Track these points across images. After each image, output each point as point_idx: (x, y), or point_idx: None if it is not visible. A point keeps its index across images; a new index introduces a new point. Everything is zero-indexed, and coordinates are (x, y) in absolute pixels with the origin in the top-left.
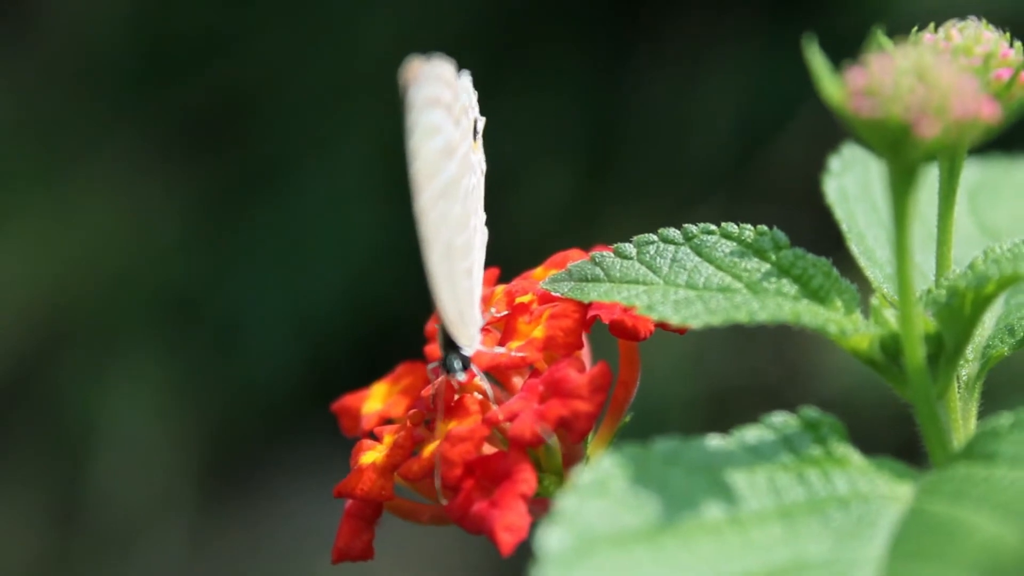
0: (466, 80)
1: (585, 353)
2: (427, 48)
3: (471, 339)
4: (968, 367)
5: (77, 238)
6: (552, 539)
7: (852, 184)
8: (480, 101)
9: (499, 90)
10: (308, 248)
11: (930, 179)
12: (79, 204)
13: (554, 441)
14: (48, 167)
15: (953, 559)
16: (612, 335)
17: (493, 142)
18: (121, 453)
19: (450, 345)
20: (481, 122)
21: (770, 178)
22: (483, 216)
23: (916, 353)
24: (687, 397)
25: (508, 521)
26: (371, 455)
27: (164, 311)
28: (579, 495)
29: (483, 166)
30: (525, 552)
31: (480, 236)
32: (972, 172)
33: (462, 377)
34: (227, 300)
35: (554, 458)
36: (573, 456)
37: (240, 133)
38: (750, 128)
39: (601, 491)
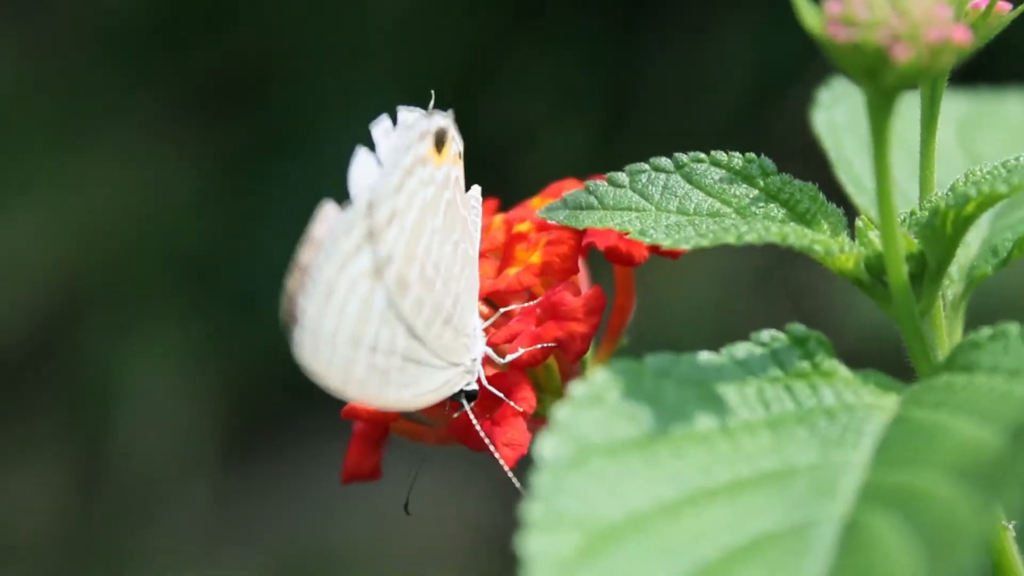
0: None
1: (582, 279)
2: (443, 10)
3: (467, 367)
4: (953, 287)
5: (97, 202)
6: (548, 447)
7: (841, 116)
8: (495, 61)
9: (515, 49)
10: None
11: (916, 109)
12: (98, 168)
13: (552, 362)
14: (67, 132)
15: (933, 461)
16: (608, 261)
17: (508, 102)
18: (143, 415)
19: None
20: (458, 145)
21: (784, 133)
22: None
23: (898, 271)
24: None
25: (509, 437)
26: None
27: (184, 274)
28: (574, 406)
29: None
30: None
31: (462, 270)
32: (962, 105)
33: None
34: (246, 262)
35: (553, 378)
36: (571, 376)
37: (257, 96)
38: (764, 83)
39: (595, 402)
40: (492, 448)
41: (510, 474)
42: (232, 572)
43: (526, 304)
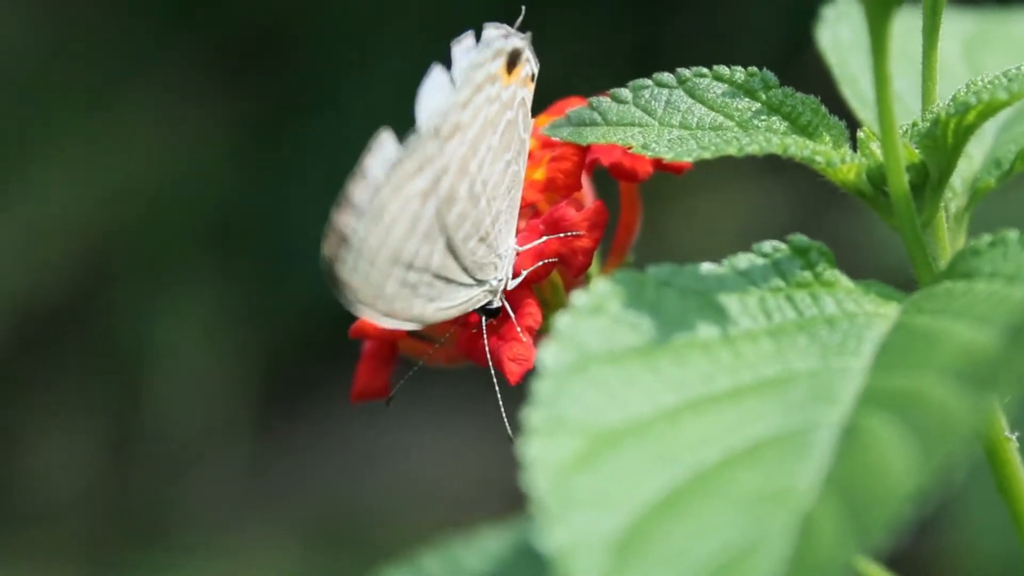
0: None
1: (587, 195)
2: None
3: (492, 287)
4: (957, 200)
5: (125, 164)
6: (549, 355)
7: (846, 33)
8: (527, 22)
9: (541, 6)
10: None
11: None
12: (126, 129)
13: (557, 278)
14: (95, 94)
15: (931, 364)
16: (612, 177)
17: (538, 55)
18: (176, 377)
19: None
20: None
21: (812, 87)
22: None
23: (899, 180)
24: None
25: (515, 352)
26: None
27: (215, 235)
28: (575, 315)
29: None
30: None
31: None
32: (968, 24)
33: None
34: (277, 223)
35: (558, 294)
36: None
37: (284, 54)
38: (792, 37)
39: (597, 311)
40: (498, 364)
41: (499, 397)
42: (265, 532)
43: (530, 220)
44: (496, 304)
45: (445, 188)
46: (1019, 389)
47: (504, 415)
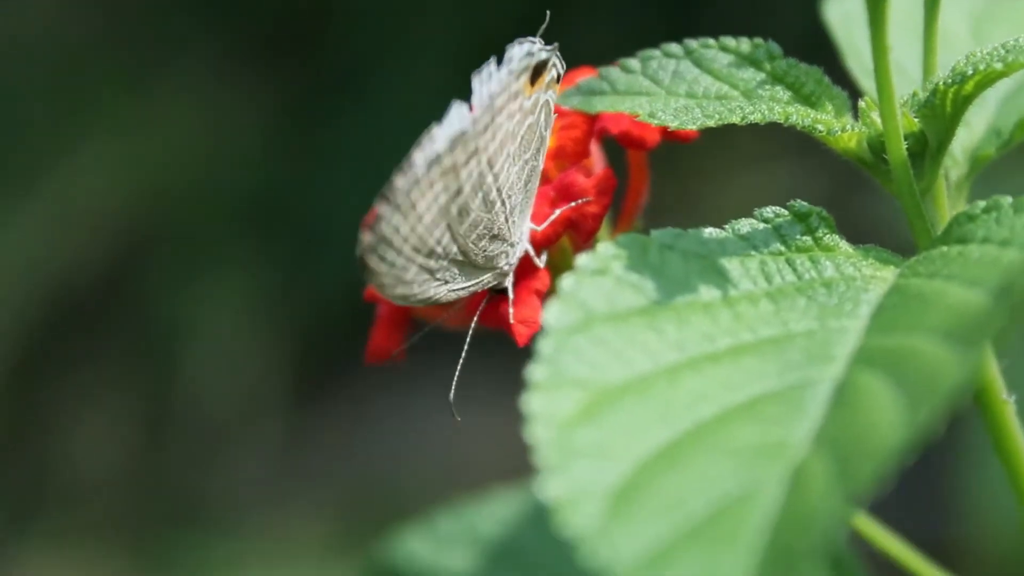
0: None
1: (596, 163)
2: None
3: (502, 271)
4: (957, 168)
5: (161, 145)
6: (552, 314)
7: (853, 6)
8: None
9: None
10: (391, 151)
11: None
12: (163, 112)
13: (566, 243)
14: (133, 75)
15: (924, 324)
16: (621, 146)
17: (570, 37)
18: (211, 357)
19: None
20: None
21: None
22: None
23: (898, 147)
24: None
25: (523, 315)
26: None
27: (250, 217)
28: (579, 275)
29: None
30: None
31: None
32: (977, 1)
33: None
34: (312, 204)
35: (567, 259)
36: None
37: (321, 38)
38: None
39: (600, 272)
40: (507, 326)
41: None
42: (300, 510)
43: (541, 187)
44: (506, 285)
45: (457, 207)
46: (1002, 341)
47: (455, 381)
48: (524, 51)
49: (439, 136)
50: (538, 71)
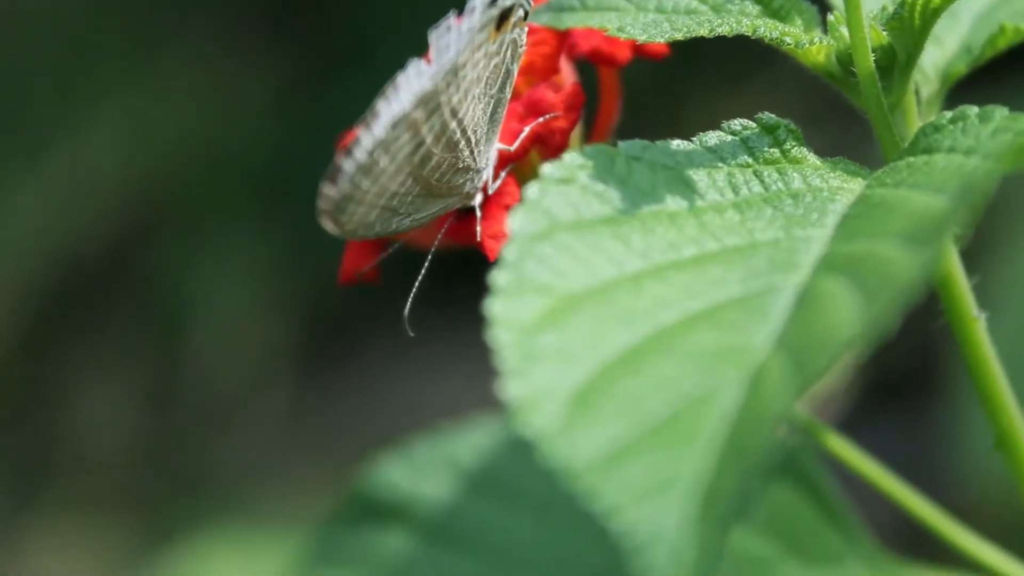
0: None
1: (567, 79)
2: None
3: (467, 193)
4: (928, 85)
5: (168, 117)
6: (516, 221)
7: None
8: None
9: None
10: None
11: None
12: (169, 84)
13: (535, 158)
14: (138, 46)
15: (886, 230)
16: (592, 63)
17: None
18: (218, 329)
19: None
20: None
21: None
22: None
23: (865, 59)
24: None
25: (493, 230)
26: None
27: (257, 189)
28: (545, 184)
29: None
30: None
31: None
32: None
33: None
34: (317, 176)
35: (537, 173)
36: None
37: (326, 10)
38: None
39: (566, 181)
40: (478, 242)
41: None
42: (306, 483)
43: (510, 104)
44: (473, 203)
45: (420, 156)
46: (961, 241)
47: (410, 298)
48: (479, 19)
49: (403, 94)
50: (503, 17)
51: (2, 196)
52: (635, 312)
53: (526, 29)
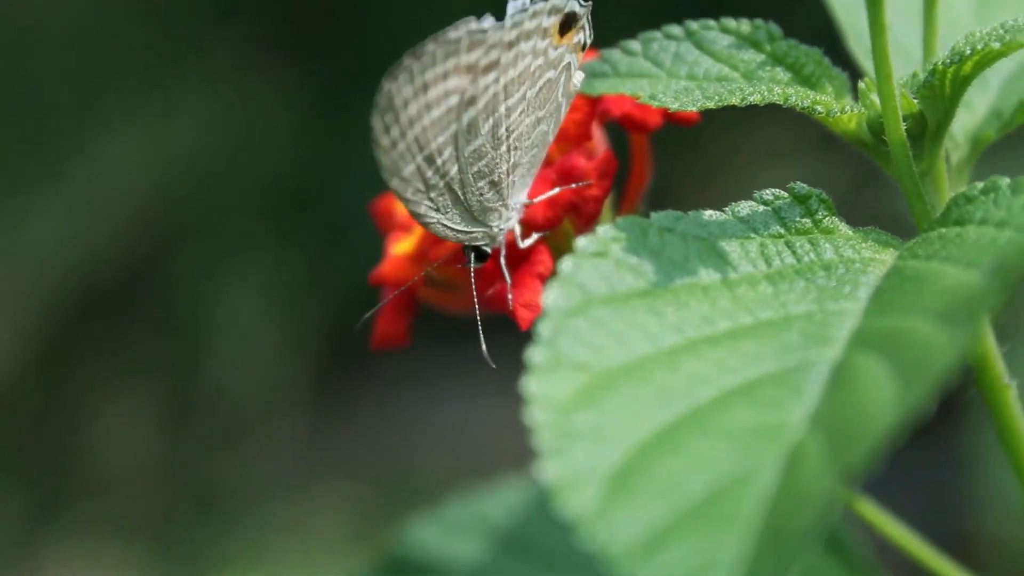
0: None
1: (599, 146)
2: None
3: (491, 232)
4: (958, 151)
5: (187, 135)
6: (551, 296)
7: None
8: None
9: None
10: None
11: None
12: (188, 101)
13: (568, 226)
14: (158, 65)
15: (920, 305)
16: (623, 128)
17: (595, 24)
18: (236, 346)
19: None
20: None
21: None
22: (548, 110)
23: (896, 129)
24: None
25: (526, 299)
26: (403, 244)
27: (274, 207)
28: (578, 258)
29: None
30: None
31: (533, 138)
32: None
33: (475, 266)
34: (336, 195)
35: (570, 242)
36: None
37: (345, 24)
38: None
39: (600, 254)
40: (510, 310)
41: (487, 356)
42: (323, 500)
43: (542, 171)
44: (488, 249)
45: (467, 119)
46: (996, 319)
47: (484, 351)
48: (548, 4)
49: (463, 28)
50: (568, 22)
51: (21, 213)
52: (671, 389)
53: (580, 58)
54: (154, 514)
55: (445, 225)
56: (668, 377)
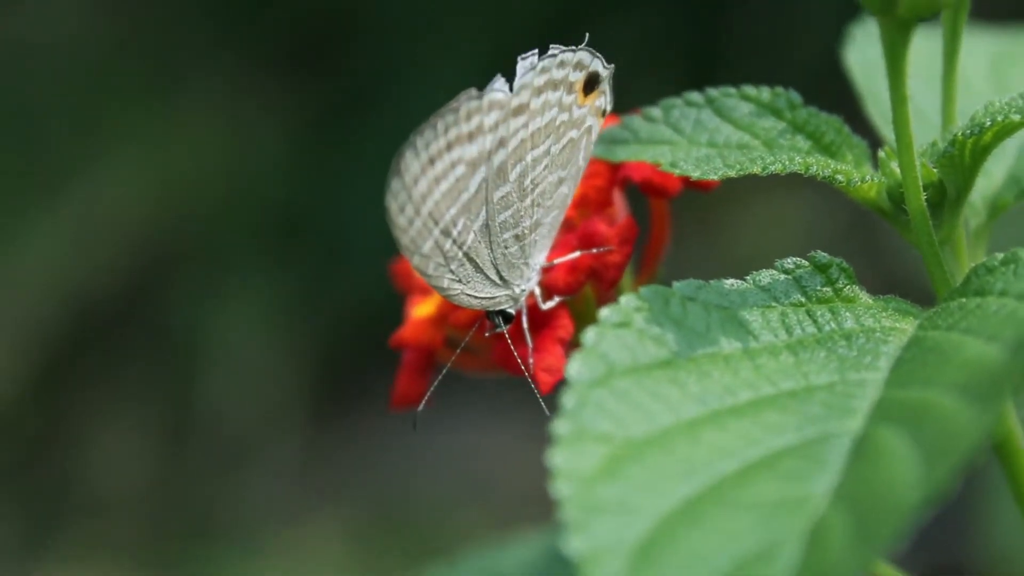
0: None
1: (619, 211)
2: None
3: (514, 294)
4: (976, 217)
5: (184, 158)
6: (574, 368)
7: (873, 53)
8: (582, 14)
9: (605, 7)
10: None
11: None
12: (185, 124)
13: (589, 291)
14: (155, 88)
15: (942, 378)
16: (643, 194)
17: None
18: (232, 369)
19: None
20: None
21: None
22: (573, 171)
23: (917, 198)
24: None
25: (547, 363)
26: (423, 308)
27: (271, 229)
28: (601, 328)
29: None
30: None
31: (557, 196)
32: (996, 42)
33: (504, 328)
34: (333, 218)
35: (590, 307)
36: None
37: (342, 49)
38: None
39: (622, 324)
40: (531, 374)
41: (543, 403)
42: (319, 525)
43: (564, 236)
44: (512, 312)
45: (498, 162)
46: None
47: (546, 409)
48: (576, 58)
49: (462, 99)
50: (591, 82)
51: (18, 235)
52: (694, 461)
53: (601, 124)
54: (149, 538)
55: (468, 295)
56: (691, 449)
